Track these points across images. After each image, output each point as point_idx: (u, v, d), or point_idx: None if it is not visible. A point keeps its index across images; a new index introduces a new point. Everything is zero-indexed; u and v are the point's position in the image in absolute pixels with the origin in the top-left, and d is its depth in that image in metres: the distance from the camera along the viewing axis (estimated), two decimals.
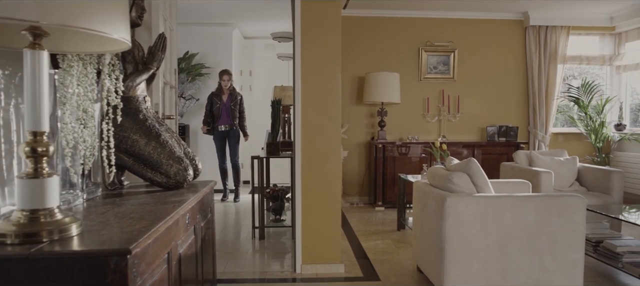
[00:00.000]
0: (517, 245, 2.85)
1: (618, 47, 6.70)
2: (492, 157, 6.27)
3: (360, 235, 4.78)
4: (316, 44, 3.52)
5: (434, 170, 3.28)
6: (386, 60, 6.49)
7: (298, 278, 3.54)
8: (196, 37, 7.12)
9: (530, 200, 2.88)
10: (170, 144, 2.18)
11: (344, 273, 3.60)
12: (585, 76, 6.81)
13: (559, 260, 2.89)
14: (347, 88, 6.49)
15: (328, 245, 3.62)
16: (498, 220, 2.83)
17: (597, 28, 6.68)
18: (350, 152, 6.46)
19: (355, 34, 6.46)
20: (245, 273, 3.65)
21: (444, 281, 2.85)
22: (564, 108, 6.88)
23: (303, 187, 3.57)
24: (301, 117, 3.54)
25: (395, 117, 6.51)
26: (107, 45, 1.42)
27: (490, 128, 6.48)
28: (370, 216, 5.70)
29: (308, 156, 3.56)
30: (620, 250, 3.33)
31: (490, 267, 2.84)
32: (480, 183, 3.00)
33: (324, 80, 3.54)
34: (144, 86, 2.26)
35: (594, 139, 6.40)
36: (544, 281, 2.89)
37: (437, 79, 6.59)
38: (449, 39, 6.54)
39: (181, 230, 1.77)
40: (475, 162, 3.03)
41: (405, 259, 3.94)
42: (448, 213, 2.79)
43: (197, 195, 2.07)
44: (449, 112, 6.57)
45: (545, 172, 4.55)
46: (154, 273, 1.42)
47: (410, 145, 6.19)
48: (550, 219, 2.86)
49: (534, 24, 6.49)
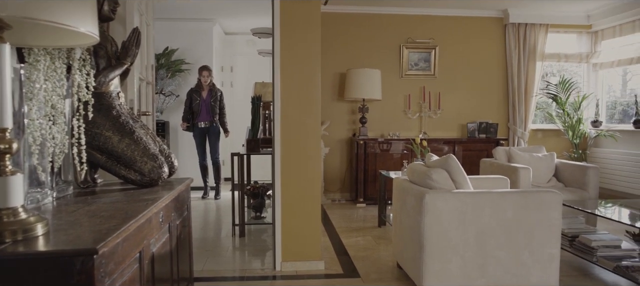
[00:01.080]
0: (495, 240, 2.87)
1: (595, 45, 6.81)
2: (472, 153, 6.33)
3: (341, 231, 4.78)
4: (295, 40, 3.49)
5: (413, 167, 3.28)
6: (367, 57, 6.49)
7: (278, 275, 3.52)
8: (176, 32, 7.03)
9: (508, 196, 2.90)
10: (145, 141, 2.14)
11: (324, 270, 3.59)
12: (564, 73, 6.92)
13: (536, 255, 2.92)
14: (328, 84, 6.48)
15: (308, 242, 3.60)
16: (476, 216, 2.84)
17: (574, 26, 6.78)
18: (331, 148, 6.46)
19: (336, 30, 6.45)
20: (224, 271, 3.62)
21: (423, 278, 2.86)
22: (543, 105, 6.97)
23: (282, 183, 3.55)
24: (280, 114, 3.51)
25: (376, 113, 6.52)
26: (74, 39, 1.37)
27: (470, 124, 6.54)
28: (352, 213, 5.71)
29: (287, 153, 3.54)
30: (595, 244, 3.38)
31: (468, 263, 2.86)
32: (459, 180, 3.01)
33: (304, 76, 3.52)
34: (117, 82, 2.21)
35: (572, 135, 6.50)
36: (522, 275, 2.92)
37: (418, 76, 6.62)
38: (430, 36, 6.57)
39: (154, 229, 1.73)
40: (453, 159, 3.05)
41: (385, 255, 3.95)
42: (427, 209, 2.80)
43: (172, 193, 2.03)
44: (430, 109, 6.60)
45: (523, 168, 4.60)
46: (124, 273, 1.39)
47: (391, 142, 6.21)
48: (528, 215, 2.89)
49: (513, 21, 6.56)
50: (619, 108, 6.70)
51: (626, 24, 6.20)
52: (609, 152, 6.35)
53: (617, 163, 6.17)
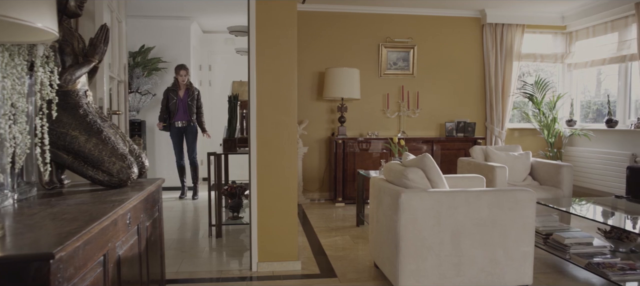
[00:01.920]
0: (470, 239, 2.89)
1: (569, 45, 6.92)
2: (450, 152, 6.38)
3: (319, 231, 4.76)
4: (271, 39, 3.46)
5: (389, 166, 3.28)
6: (346, 56, 6.49)
7: (254, 276, 3.48)
8: (152, 30, 6.92)
9: (483, 195, 2.92)
10: (113, 141, 2.08)
11: (301, 271, 3.56)
12: (540, 73, 7.01)
13: (510, 253, 2.95)
14: (307, 83, 6.45)
15: (285, 242, 3.57)
16: (452, 215, 2.85)
17: (550, 27, 6.89)
18: (310, 148, 6.43)
19: (315, 29, 6.43)
20: (200, 273, 3.56)
21: (399, 277, 2.85)
22: (520, 105, 7.06)
23: (259, 183, 3.51)
24: (256, 113, 3.47)
25: (355, 112, 6.52)
26: (32, 35, 1.32)
27: (448, 124, 6.58)
28: (330, 213, 5.69)
29: (264, 152, 3.50)
30: (568, 241, 3.43)
31: (444, 262, 2.87)
32: (434, 179, 3.02)
33: (280, 75, 3.49)
34: (85, 80, 2.14)
35: (547, 134, 6.60)
36: (496, 274, 2.95)
37: (396, 75, 6.63)
38: (408, 35, 6.60)
39: (121, 231, 1.68)
40: (429, 158, 3.05)
41: (363, 255, 3.94)
42: (402, 208, 2.80)
43: (141, 194, 1.98)
44: (408, 108, 6.62)
45: (499, 167, 4.65)
46: (86, 278, 1.34)
47: (370, 141, 6.22)
48: (502, 213, 2.91)
49: (490, 21, 6.62)
50: (593, 107, 6.82)
51: (599, 25, 6.32)
52: (582, 150, 6.47)
53: (591, 161, 6.28)
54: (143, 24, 6.82)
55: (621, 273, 3.00)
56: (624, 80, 6.10)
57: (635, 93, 5.95)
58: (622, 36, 6.03)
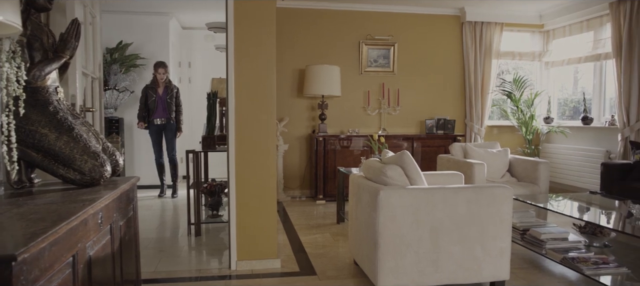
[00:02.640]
0: (448, 235, 2.90)
1: (546, 44, 7.02)
2: (430, 149, 6.42)
3: (299, 229, 4.74)
4: (250, 35, 3.42)
5: (368, 163, 3.28)
6: (327, 53, 6.48)
7: (233, 275, 3.45)
8: (130, 26, 6.80)
9: (461, 191, 2.93)
10: (85, 138, 2.03)
11: (281, 269, 3.54)
12: (518, 71, 7.10)
13: (488, 249, 2.97)
14: (287, 81, 6.43)
15: (264, 241, 3.55)
16: (430, 212, 2.86)
17: (528, 25, 6.97)
18: (291, 145, 6.41)
19: (295, 26, 6.40)
20: (178, 272, 3.52)
21: (378, 274, 2.86)
22: (499, 102, 7.14)
23: (237, 181, 3.48)
24: (235, 110, 3.44)
25: (336, 110, 6.51)
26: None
27: (429, 121, 6.63)
28: (311, 210, 5.68)
29: (242, 150, 3.47)
30: (544, 237, 3.48)
31: (422, 258, 2.88)
32: (413, 176, 3.03)
33: (259, 72, 3.45)
34: (55, 76, 2.09)
35: (525, 131, 6.69)
36: (474, 269, 2.97)
37: (377, 73, 6.65)
38: (389, 33, 6.61)
39: (92, 230, 1.64)
40: (408, 155, 3.06)
41: (343, 252, 3.94)
42: (381, 205, 2.80)
43: (114, 192, 1.94)
44: (389, 105, 6.64)
45: (478, 164, 4.69)
46: (53, 280, 1.30)
47: (351, 138, 6.22)
48: (480, 209, 2.93)
49: (470, 19, 6.68)
50: (570, 105, 6.93)
51: (575, 24, 6.43)
52: (559, 147, 6.58)
53: (567, 158, 6.39)
54: (120, 20, 6.70)
55: (594, 267, 3.05)
56: (598, 78, 6.21)
57: (609, 91, 6.07)
58: (597, 35, 6.14)
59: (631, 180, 4.60)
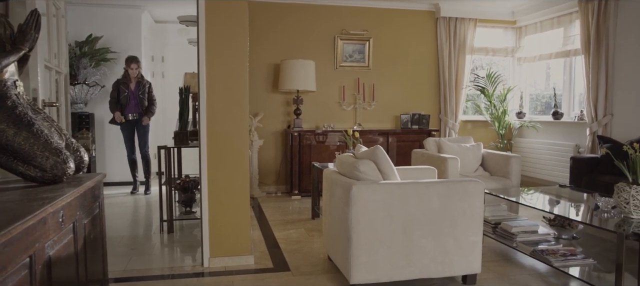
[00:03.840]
0: (420, 230, 2.91)
1: (519, 40, 7.13)
2: (405, 144, 6.45)
3: (274, 224, 4.71)
4: (222, 29, 3.37)
5: (342, 158, 3.27)
6: (302, 48, 6.44)
7: (206, 272, 3.40)
8: (100, 19, 6.63)
9: (433, 186, 2.95)
10: (47, 134, 1.96)
11: (254, 265, 3.51)
12: (492, 66, 7.19)
13: (460, 243, 2.99)
14: (262, 75, 6.37)
15: (237, 237, 3.51)
16: (403, 207, 2.87)
17: (501, 21, 7.06)
18: (266, 140, 6.36)
19: (270, 20, 6.34)
20: (150, 270, 3.45)
21: (351, 269, 2.85)
22: (473, 97, 7.22)
23: (210, 177, 3.43)
24: (206, 105, 3.38)
25: (311, 105, 6.49)
26: None
27: (404, 116, 6.66)
28: (286, 206, 5.65)
29: (214, 145, 3.42)
30: (515, 230, 3.53)
31: (395, 253, 2.89)
32: (386, 171, 3.03)
33: (231, 66, 3.40)
34: (13, 69, 2.00)
35: (498, 126, 6.78)
36: (446, 263, 2.99)
37: (353, 68, 6.64)
38: (364, 28, 6.61)
39: (51, 230, 1.58)
40: (381, 150, 3.06)
41: (317, 248, 3.93)
42: (354, 200, 2.79)
43: (77, 190, 1.88)
44: (364, 101, 6.65)
45: (451, 158, 4.73)
46: (7, 281, 1.25)
47: (327, 133, 6.21)
48: (452, 204, 2.95)
49: (444, 15, 6.73)
50: (542, 100, 7.06)
51: (546, 21, 6.54)
52: (531, 141, 6.69)
53: (539, 152, 6.51)
54: (90, 12, 6.54)
55: (562, 259, 3.12)
56: (568, 74, 6.34)
57: (579, 87, 6.20)
58: (567, 32, 6.26)
59: (598, 173, 4.71)
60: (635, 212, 2.87)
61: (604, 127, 5.52)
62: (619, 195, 2.92)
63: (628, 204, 2.87)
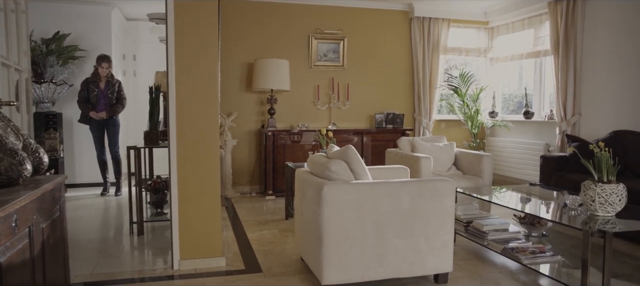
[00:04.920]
0: (392, 229, 2.91)
1: (491, 40, 7.23)
2: (380, 143, 6.47)
3: (247, 225, 4.66)
4: (191, 27, 3.30)
5: (314, 158, 3.24)
6: (276, 47, 6.39)
7: (175, 275, 3.33)
8: (68, 16, 6.45)
9: (405, 185, 2.95)
10: (1, 135, 1.87)
11: (226, 267, 3.46)
12: (465, 66, 7.26)
13: (431, 242, 3.00)
14: (235, 75, 6.30)
15: (208, 239, 3.45)
16: (374, 206, 2.86)
17: (473, 22, 7.14)
18: (239, 140, 6.29)
19: (244, 19, 6.27)
20: (117, 273, 3.36)
21: (323, 269, 2.83)
22: (447, 97, 7.29)
23: (179, 178, 3.36)
24: (176, 104, 3.31)
25: (285, 104, 6.45)
26: None
27: (378, 115, 6.67)
28: (261, 206, 5.60)
29: (184, 145, 3.35)
30: (486, 228, 3.56)
31: (367, 253, 2.87)
32: (357, 170, 3.01)
33: (201, 65, 3.34)
34: None
35: (471, 126, 6.86)
36: (418, 262, 2.99)
37: (327, 67, 6.62)
38: (338, 27, 6.60)
39: (3, 235, 1.51)
40: (352, 149, 3.04)
41: (290, 249, 3.89)
42: (325, 201, 2.77)
43: (34, 192, 1.80)
44: (338, 100, 6.64)
45: (424, 158, 4.76)
46: None
47: (302, 133, 6.17)
48: (423, 203, 2.95)
49: (418, 15, 6.76)
50: (515, 100, 7.16)
51: (517, 22, 6.64)
52: (503, 140, 6.79)
53: (510, 151, 6.61)
54: (57, 9, 6.36)
55: (532, 257, 3.16)
56: (539, 74, 6.45)
57: (549, 87, 6.31)
58: (537, 32, 6.37)
59: (567, 171, 4.80)
60: (600, 209, 2.92)
61: (572, 126, 5.63)
62: (586, 193, 2.97)
63: (594, 202, 2.92)
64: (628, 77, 5.03)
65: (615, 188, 2.88)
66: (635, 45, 4.94)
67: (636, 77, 4.94)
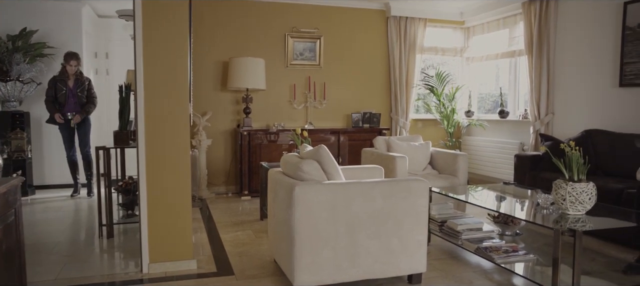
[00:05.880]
0: (365, 230, 2.87)
1: (467, 40, 7.27)
2: (357, 143, 6.44)
3: (221, 226, 4.58)
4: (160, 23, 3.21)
5: (286, 158, 3.19)
6: (251, 46, 6.31)
7: (145, 278, 3.24)
8: (36, 12, 6.26)
9: (378, 185, 2.91)
10: None
11: (197, 270, 3.38)
12: (441, 66, 7.29)
13: (405, 242, 2.98)
14: (210, 73, 6.20)
15: (178, 241, 3.36)
16: (347, 207, 2.82)
17: (450, 22, 7.18)
18: (215, 140, 6.19)
19: (219, 17, 6.18)
20: (84, 278, 3.25)
21: (295, 271, 2.78)
22: (424, 96, 7.30)
23: (148, 179, 3.27)
24: (144, 104, 3.22)
25: (261, 104, 6.37)
26: None
27: (355, 115, 6.65)
28: (236, 206, 5.52)
29: (153, 145, 3.26)
30: (460, 228, 3.56)
31: (339, 254, 2.83)
32: (330, 170, 2.97)
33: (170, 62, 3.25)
34: None
35: (447, 125, 6.89)
36: (391, 263, 2.96)
37: (303, 66, 6.57)
38: (315, 26, 6.55)
39: None
40: (324, 149, 3.00)
41: (264, 250, 3.83)
42: (297, 201, 2.72)
43: None
44: (315, 99, 6.59)
45: (400, 157, 4.75)
46: None
47: (279, 133, 6.11)
48: (396, 203, 2.93)
49: (394, 14, 6.76)
50: (491, 99, 7.22)
51: (493, 22, 6.69)
52: (479, 140, 6.84)
53: (486, 150, 6.65)
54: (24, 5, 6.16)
55: (505, 256, 3.16)
56: (513, 73, 6.51)
57: (524, 86, 6.38)
58: (512, 32, 6.43)
59: (540, 170, 4.84)
60: (571, 208, 2.93)
61: (546, 125, 5.69)
62: (557, 191, 2.99)
63: (565, 200, 2.93)
64: (599, 77, 5.10)
65: (586, 187, 2.90)
66: (606, 46, 5.02)
67: (607, 77, 5.02)
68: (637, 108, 4.72)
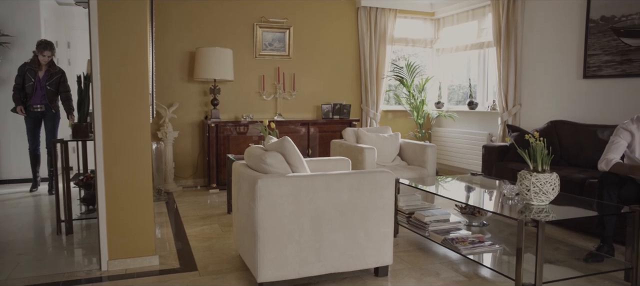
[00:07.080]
0: (330, 223, 2.82)
1: (437, 31, 7.28)
2: (327, 134, 6.40)
3: (187, 220, 4.46)
4: (117, 10, 3.07)
5: (250, 151, 3.11)
6: (219, 36, 6.16)
7: (104, 276, 3.12)
8: None
9: (343, 178, 2.86)
10: None
11: (159, 266, 3.27)
12: (411, 57, 7.29)
13: (371, 235, 2.94)
14: (176, 64, 6.03)
15: (139, 237, 3.25)
16: (311, 200, 2.76)
17: (420, 13, 7.17)
18: (181, 132, 6.04)
19: (186, 5, 6.00)
20: (38, 278, 3.10)
21: (258, 266, 2.71)
22: (395, 87, 7.29)
23: (106, 172, 3.14)
24: (101, 95, 3.08)
25: (229, 95, 6.25)
26: None
27: (325, 106, 6.59)
28: (203, 200, 5.40)
29: (111, 138, 3.13)
30: (427, 219, 3.55)
31: (304, 248, 2.78)
32: (295, 163, 2.90)
33: (129, 52, 3.11)
34: None
35: (416, 116, 6.90)
36: (357, 256, 2.93)
37: (273, 56, 6.46)
38: (284, 16, 6.44)
39: None
40: (289, 141, 2.93)
41: (229, 244, 3.75)
42: (260, 195, 2.64)
43: None
44: (284, 90, 6.50)
45: (368, 148, 4.71)
46: None
47: (247, 125, 6.00)
48: (362, 195, 2.89)
49: (365, 5, 6.71)
50: (461, 91, 7.26)
51: (462, 13, 6.71)
52: (448, 131, 6.88)
53: (455, 141, 6.70)
54: None
55: (471, 247, 3.16)
56: (482, 65, 6.56)
57: (492, 78, 6.43)
58: (480, 24, 6.47)
59: (507, 161, 4.88)
60: (535, 198, 2.95)
61: (513, 116, 5.75)
62: (521, 182, 3.00)
63: (529, 191, 2.95)
64: (564, 68, 5.17)
65: (549, 177, 2.92)
66: (571, 38, 5.08)
67: (572, 68, 5.09)
68: (600, 99, 4.80)
